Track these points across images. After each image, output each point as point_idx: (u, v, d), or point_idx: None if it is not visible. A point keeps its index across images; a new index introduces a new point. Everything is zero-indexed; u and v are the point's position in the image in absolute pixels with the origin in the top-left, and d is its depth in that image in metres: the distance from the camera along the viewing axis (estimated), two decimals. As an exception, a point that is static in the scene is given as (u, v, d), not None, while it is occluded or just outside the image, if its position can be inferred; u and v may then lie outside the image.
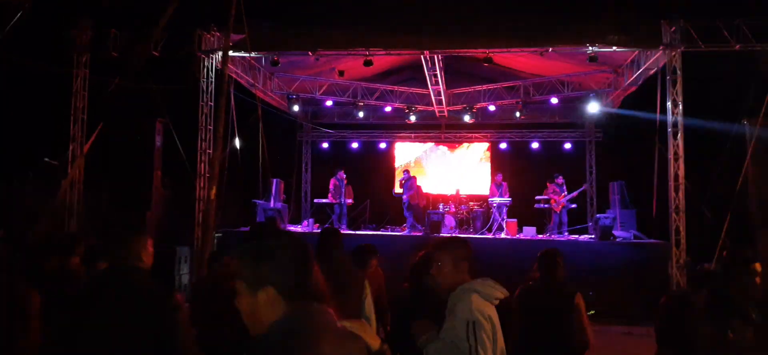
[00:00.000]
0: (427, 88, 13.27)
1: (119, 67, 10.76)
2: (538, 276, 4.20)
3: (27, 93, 12.37)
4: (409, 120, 15.26)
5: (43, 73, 11.24)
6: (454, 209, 13.87)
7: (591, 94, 13.75)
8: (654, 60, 10.48)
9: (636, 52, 10.99)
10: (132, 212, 11.44)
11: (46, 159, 11.70)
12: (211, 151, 11.17)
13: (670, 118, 10.16)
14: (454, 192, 14.66)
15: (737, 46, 9.55)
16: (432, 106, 14.70)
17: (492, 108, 14.97)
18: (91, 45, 11.21)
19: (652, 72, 10.95)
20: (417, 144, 17.33)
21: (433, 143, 17.24)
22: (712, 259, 8.07)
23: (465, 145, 17.06)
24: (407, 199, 13.72)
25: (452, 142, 17.06)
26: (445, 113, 15.34)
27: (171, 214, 12.44)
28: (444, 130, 16.78)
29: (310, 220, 14.38)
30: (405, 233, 13.30)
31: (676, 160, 10.13)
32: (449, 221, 13.65)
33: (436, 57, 11.26)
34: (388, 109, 15.61)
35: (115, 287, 2.46)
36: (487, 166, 16.73)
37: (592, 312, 10.67)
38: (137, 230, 2.64)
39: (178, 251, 10.99)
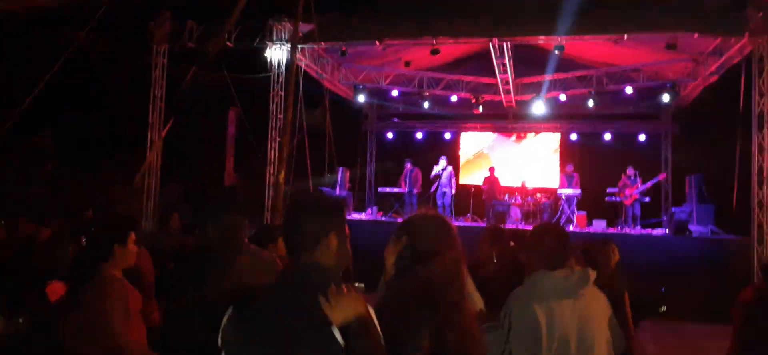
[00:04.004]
0: (495, 78, 13.09)
1: (195, 58, 11.21)
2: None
3: (109, 84, 13.09)
4: (476, 110, 15.08)
5: (123, 65, 11.87)
6: (520, 201, 13.66)
7: (668, 84, 13.15)
8: (738, 48, 9.92)
9: (718, 40, 10.43)
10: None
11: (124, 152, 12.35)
12: (280, 139, 11.46)
13: (755, 109, 9.62)
14: (520, 184, 14.43)
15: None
16: (499, 95, 14.49)
17: (562, 98, 14.58)
18: (169, 37, 11.70)
19: (735, 61, 10.38)
20: (483, 134, 17.14)
21: (498, 135, 17.00)
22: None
23: (532, 135, 16.73)
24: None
25: (520, 132, 16.76)
26: (513, 103, 15.08)
27: (242, 199, 12.88)
28: (511, 120, 16.49)
29: (374, 208, 14.53)
30: (466, 224, 13.24)
31: (761, 152, 9.59)
32: (515, 212, 13.47)
33: (504, 45, 11.09)
34: (454, 98, 15.48)
35: (219, 260, 2.73)
36: (555, 158, 16.35)
37: (663, 309, 10.32)
38: (235, 210, 2.94)
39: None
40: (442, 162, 13.90)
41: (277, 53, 11.64)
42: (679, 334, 8.75)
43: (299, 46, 10.61)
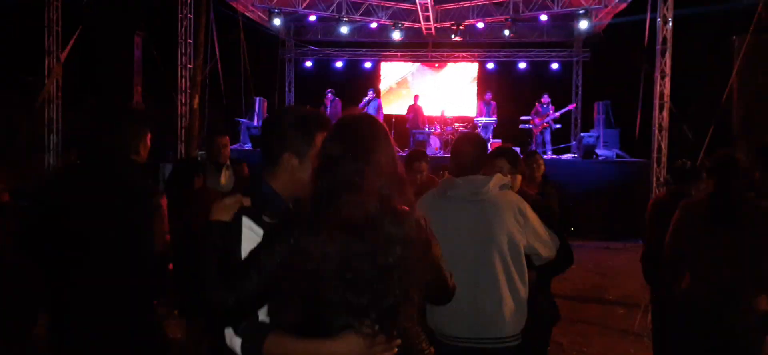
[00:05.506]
0: (415, 3, 12.94)
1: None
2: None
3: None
4: (394, 37, 14.91)
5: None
6: (439, 130, 13.83)
7: (580, 12, 13.49)
8: (645, -25, 10.24)
9: (627, -33, 10.72)
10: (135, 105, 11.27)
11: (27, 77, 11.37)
12: (191, 66, 10.89)
13: (659, 35, 10.04)
14: (439, 113, 14.58)
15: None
16: (419, 22, 14.38)
17: (480, 25, 14.68)
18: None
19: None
20: (403, 64, 17.07)
21: (419, 64, 16.99)
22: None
23: (451, 65, 16.84)
24: None
25: (439, 61, 16.82)
26: (433, 31, 15.03)
27: (152, 130, 12.24)
28: (431, 49, 16.49)
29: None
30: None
31: (662, 78, 10.08)
32: (434, 141, 13.64)
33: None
34: (374, 25, 15.23)
35: (110, 174, 2.57)
36: (474, 87, 16.58)
37: (572, 229, 10.92)
38: (143, 122, 2.78)
39: (161, 168, 10.89)
40: (370, 94, 13.86)
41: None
42: (583, 250, 9.30)
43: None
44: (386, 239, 1.59)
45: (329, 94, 14.06)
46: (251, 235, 1.69)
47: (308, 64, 17.10)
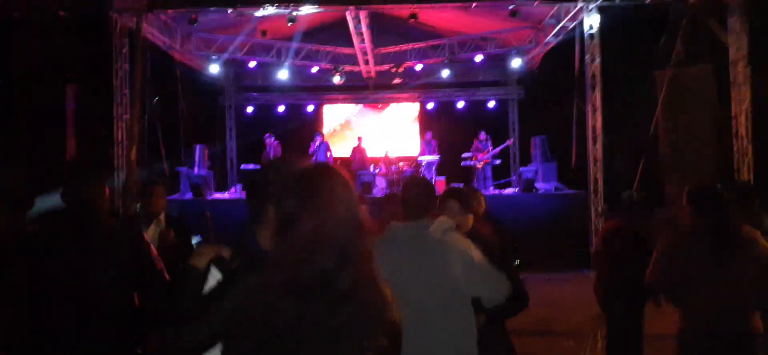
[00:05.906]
0: (354, 48, 13.12)
1: (23, 29, 10.01)
2: None
3: None
4: (335, 81, 15.04)
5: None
6: (384, 170, 13.93)
7: (513, 51, 14.02)
8: (573, 15, 10.76)
9: (556, 7, 11.23)
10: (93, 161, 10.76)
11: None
12: (127, 117, 10.62)
13: (588, 71, 10.52)
14: (383, 154, 14.70)
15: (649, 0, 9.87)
16: (359, 66, 14.57)
17: (419, 67, 15.01)
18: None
19: (571, 27, 11.25)
20: (345, 106, 17.20)
21: (361, 106, 17.17)
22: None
23: (393, 105, 17.09)
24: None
25: (380, 103, 17.03)
26: (372, 73, 15.25)
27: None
28: (371, 91, 16.70)
29: (238, 186, 14.05)
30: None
31: (594, 112, 10.53)
32: (380, 182, 13.72)
33: (361, 14, 11.11)
34: (314, 69, 15.33)
35: (91, 225, 2.63)
36: (416, 127, 16.86)
37: (518, 262, 11.13)
38: (102, 176, 2.83)
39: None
40: (318, 139, 13.95)
41: (120, 23, 10.70)
42: (529, 283, 9.43)
43: (144, 13, 9.92)
44: (339, 297, 1.52)
45: (269, 139, 13.97)
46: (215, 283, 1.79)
47: (249, 109, 16.96)
